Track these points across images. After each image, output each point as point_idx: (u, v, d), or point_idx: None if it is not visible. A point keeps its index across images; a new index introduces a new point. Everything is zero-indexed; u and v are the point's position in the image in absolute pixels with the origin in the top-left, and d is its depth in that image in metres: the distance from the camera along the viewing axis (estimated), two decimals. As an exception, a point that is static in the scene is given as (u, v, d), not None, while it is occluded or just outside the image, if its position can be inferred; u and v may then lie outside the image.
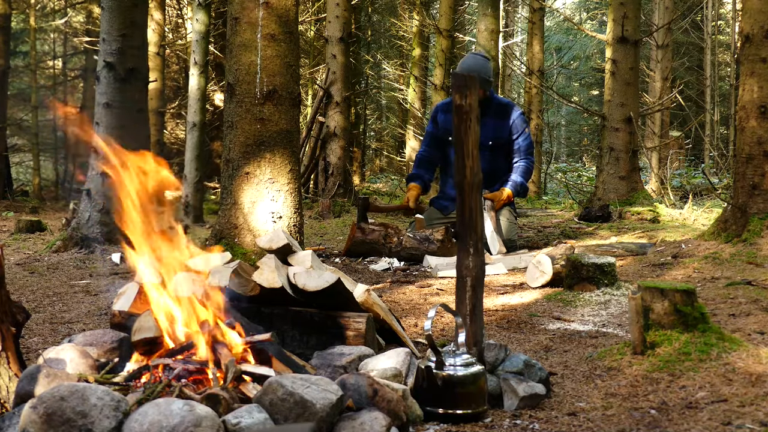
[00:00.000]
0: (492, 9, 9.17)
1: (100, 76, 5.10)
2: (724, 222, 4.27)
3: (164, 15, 10.48)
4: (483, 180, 4.98)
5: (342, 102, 9.64)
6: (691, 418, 1.77)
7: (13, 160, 13.34)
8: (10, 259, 4.84)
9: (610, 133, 7.39)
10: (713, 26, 16.93)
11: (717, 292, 3.24)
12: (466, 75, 2.03)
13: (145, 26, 5.32)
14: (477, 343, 2.02)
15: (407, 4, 17.03)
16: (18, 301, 1.89)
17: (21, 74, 13.68)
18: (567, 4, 25.50)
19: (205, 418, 1.48)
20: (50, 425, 1.46)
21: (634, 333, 2.20)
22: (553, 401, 1.98)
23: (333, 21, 9.56)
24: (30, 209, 9.54)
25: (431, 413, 1.87)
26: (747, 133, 4.13)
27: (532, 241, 5.48)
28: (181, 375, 1.76)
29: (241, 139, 3.86)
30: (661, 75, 12.75)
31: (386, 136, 21.68)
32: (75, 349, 1.94)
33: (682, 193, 9.30)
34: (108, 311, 3.00)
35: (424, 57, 15.58)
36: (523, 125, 5.19)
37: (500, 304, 3.32)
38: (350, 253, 4.79)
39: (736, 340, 2.19)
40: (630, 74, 7.39)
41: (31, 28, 11.99)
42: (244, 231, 3.83)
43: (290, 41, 3.92)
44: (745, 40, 4.20)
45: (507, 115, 5.17)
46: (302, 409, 1.59)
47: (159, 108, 9.89)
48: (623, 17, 7.22)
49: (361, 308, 2.33)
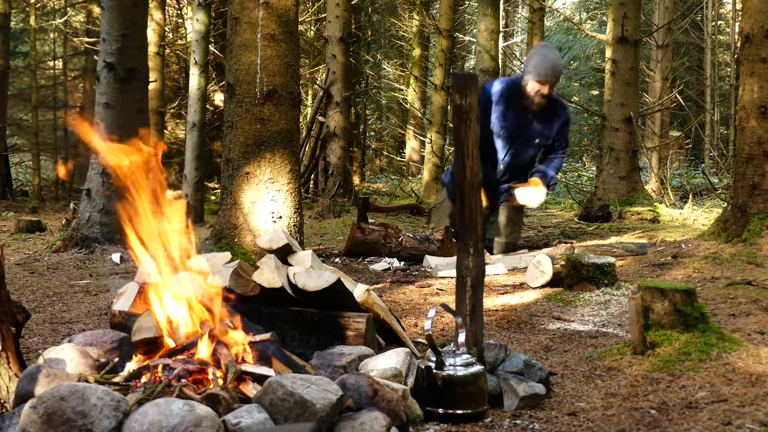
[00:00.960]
0: (492, 9, 9.16)
1: (100, 76, 5.10)
2: (724, 222, 4.27)
3: (164, 15, 10.48)
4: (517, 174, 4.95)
5: (342, 102, 9.63)
6: (691, 418, 1.77)
7: (13, 160, 13.34)
8: (10, 259, 4.84)
9: (610, 133, 7.40)
10: (713, 26, 16.92)
11: (717, 292, 3.24)
12: (466, 74, 2.03)
13: (145, 26, 5.32)
14: (477, 343, 2.02)
15: (407, 4, 17.03)
16: (18, 301, 1.89)
17: (21, 74, 13.67)
18: (567, 4, 25.49)
19: (205, 418, 1.48)
20: (50, 425, 1.46)
21: (634, 333, 2.20)
22: (553, 401, 1.98)
23: (333, 21, 9.56)
24: (30, 209, 9.54)
25: (431, 413, 1.87)
26: (747, 133, 4.13)
27: (532, 241, 5.48)
28: (181, 375, 1.76)
29: (241, 139, 3.86)
30: (661, 75, 12.74)
31: (386, 136, 21.68)
32: (75, 349, 1.94)
33: (682, 193, 9.30)
34: (108, 311, 3.00)
35: (424, 57, 15.58)
36: (568, 126, 5.01)
37: (500, 304, 3.32)
38: (350, 253, 4.79)
39: (736, 340, 2.19)
40: (630, 74, 7.39)
41: (31, 28, 11.99)
42: (244, 231, 3.83)
43: (290, 41, 3.92)
44: (745, 40, 4.20)
45: (557, 114, 4.94)
46: (302, 409, 1.59)
47: (159, 108, 9.88)
48: (623, 17, 7.22)
49: (361, 308, 2.33)
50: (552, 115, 4.92)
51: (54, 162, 13.71)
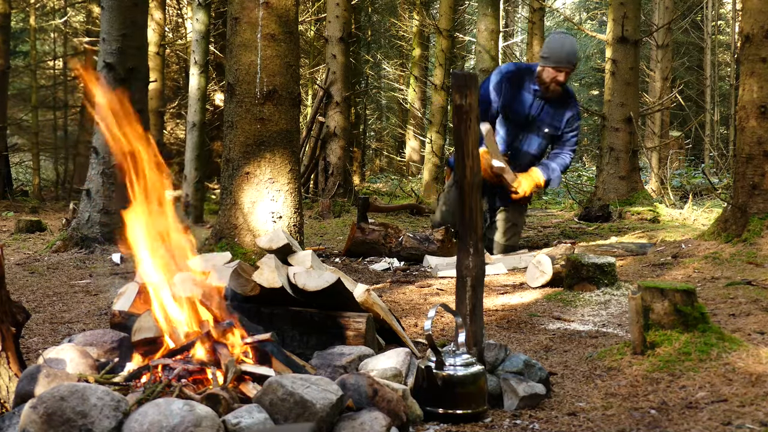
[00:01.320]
0: (492, 9, 9.17)
1: (100, 76, 5.10)
2: (724, 222, 4.27)
3: (164, 15, 10.48)
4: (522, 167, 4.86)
5: (342, 102, 9.64)
6: (691, 418, 1.77)
7: (13, 160, 13.34)
8: (10, 259, 4.84)
9: (610, 133, 7.40)
10: (713, 26, 16.93)
11: (717, 292, 3.24)
12: (466, 74, 2.03)
13: (145, 26, 5.32)
14: (477, 343, 2.02)
15: (407, 4, 17.04)
16: (18, 301, 1.89)
17: (21, 74, 13.67)
18: (567, 4, 25.49)
19: (205, 418, 1.48)
20: (50, 425, 1.46)
21: (634, 333, 2.20)
22: (553, 401, 1.98)
23: (333, 21, 9.56)
24: (30, 209, 9.54)
25: (431, 413, 1.87)
26: (747, 133, 4.13)
27: (532, 241, 5.48)
28: (181, 375, 1.76)
29: (241, 139, 3.86)
30: (661, 75, 12.74)
31: (386, 136, 21.68)
32: (75, 349, 1.94)
33: (682, 193, 9.30)
34: (108, 311, 3.00)
35: (424, 57, 15.59)
36: (577, 120, 4.91)
37: (500, 304, 3.32)
38: (350, 253, 4.79)
39: (736, 340, 2.19)
40: (630, 74, 7.39)
41: (31, 28, 11.99)
42: (244, 231, 3.83)
43: (290, 41, 3.92)
44: (745, 40, 4.20)
45: (568, 105, 4.87)
46: (302, 409, 1.59)
47: (159, 108, 9.89)
48: (623, 17, 7.22)
49: (361, 308, 2.33)
50: (564, 105, 4.85)
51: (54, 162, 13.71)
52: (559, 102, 4.85)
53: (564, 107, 4.87)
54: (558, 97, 4.82)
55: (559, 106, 4.85)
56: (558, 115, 4.86)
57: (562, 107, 4.86)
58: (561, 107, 4.86)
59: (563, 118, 4.87)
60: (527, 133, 4.89)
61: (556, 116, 4.86)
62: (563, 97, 4.84)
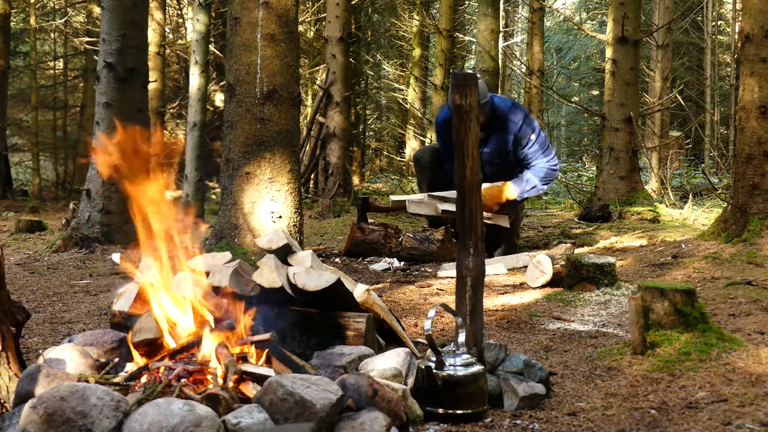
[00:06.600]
0: (492, 9, 9.16)
1: (100, 76, 5.10)
2: (724, 222, 4.27)
3: (164, 15, 10.48)
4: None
5: (342, 102, 9.63)
6: (691, 418, 1.77)
7: (13, 160, 13.33)
8: (10, 259, 4.84)
9: (610, 133, 7.39)
10: (713, 26, 16.92)
11: (717, 292, 3.23)
12: (466, 74, 2.03)
13: (145, 26, 5.32)
14: (477, 343, 2.02)
15: (407, 4, 17.02)
16: (18, 301, 1.89)
17: (21, 74, 13.66)
18: (567, 4, 25.48)
19: (205, 418, 1.48)
20: (50, 425, 1.46)
21: (634, 333, 2.20)
22: (553, 401, 1.98)
23: (333, 21, 9.56)
24: (30, 209, 9.53)
25: (431, 413, 1.87)
26: (747, 133, 4.13)
27: (532, 241, 5.48)
28: (181, 375, 1.76)
29: (241, 139, 3.86)
30: (661, 75, 12.74)
31: (386, 136, 21.67)
32: (75, 349, 1.94)
33: (682, 193, 9.30)
34: (108, 311, 3.00)
35: (424, 57, 15.58)
36: (527, 131, 4.56)
37: (500, 304, 3.32)
38: (350, 253, 4.79)
39: (736, 340, 2.19)
40: (630, 74, 7.38)
41: (31, 28, 11.99)
42: (244, 231, 3.83)
43: (290, 41, 3.92)
44: (745, 40, 4.20)
45: (505, 127, 4.54)
46: (302, 409, 1.59)
47: (159, 108, 9.89)
48: (623, 17, 7.22)
49: (361, 308, 2.33)
50: (501, 128, 4.54)
51: (54, 162, 13.70)
52: (496, 126, 4.54)
53: (504, 131, 4.55)
54: (490, 123, 4.50)
55: (497, 129, 4.54)
56: (502, 141, 4.57)
57: (502, 131, 4.55)
58: (501, 131, 4.55)
59: (508, 140, 4.57)
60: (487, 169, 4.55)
61: (500, 143, 4.57)
62: (500, 122, 4.52)
